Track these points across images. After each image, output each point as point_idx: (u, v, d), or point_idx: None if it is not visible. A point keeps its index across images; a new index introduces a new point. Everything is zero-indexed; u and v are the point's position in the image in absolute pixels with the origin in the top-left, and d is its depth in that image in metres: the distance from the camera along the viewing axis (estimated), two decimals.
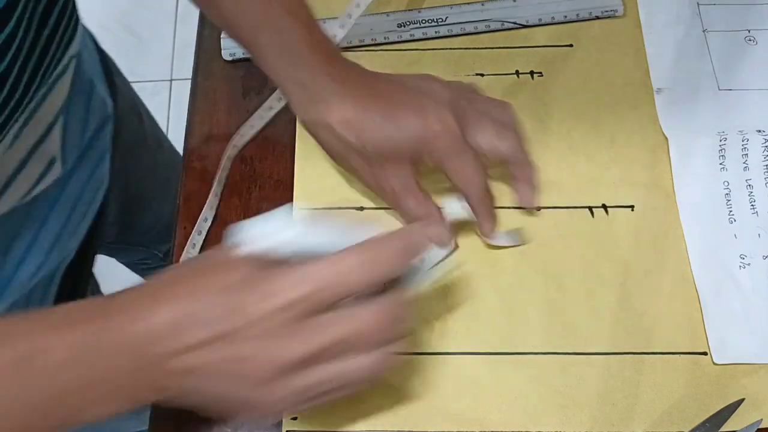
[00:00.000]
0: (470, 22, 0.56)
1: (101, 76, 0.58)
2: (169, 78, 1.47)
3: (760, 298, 0.48)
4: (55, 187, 0.50)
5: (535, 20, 0.57)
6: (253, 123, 0.53)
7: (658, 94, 0.54)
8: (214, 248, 0.39)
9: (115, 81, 0.63)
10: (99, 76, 0.57)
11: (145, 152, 0.73)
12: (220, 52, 0.56)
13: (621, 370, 0.46)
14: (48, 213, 0.50)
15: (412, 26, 0.56)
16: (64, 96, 0.47)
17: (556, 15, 0.57)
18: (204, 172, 0.53)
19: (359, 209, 0.51)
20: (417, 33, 0.56)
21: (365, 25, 0.55)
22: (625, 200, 0.51)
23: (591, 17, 0.57)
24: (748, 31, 0.57)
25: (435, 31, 0.56)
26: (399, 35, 0.56)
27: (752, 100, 0.54)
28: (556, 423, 0.45)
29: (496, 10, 0.57)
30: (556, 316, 0.48)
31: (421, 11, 0.57)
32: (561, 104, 0.54)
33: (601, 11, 0.57)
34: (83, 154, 0.52)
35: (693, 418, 0.44)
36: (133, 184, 0.73)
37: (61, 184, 0.51)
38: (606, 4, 0.57)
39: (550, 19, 0.57)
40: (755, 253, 0.49)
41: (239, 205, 0.52)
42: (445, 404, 0.45)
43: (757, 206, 0.50)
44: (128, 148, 0.68)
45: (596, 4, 0.57)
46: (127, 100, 0.67)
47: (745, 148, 0.52)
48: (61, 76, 0.47)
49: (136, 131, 0.70)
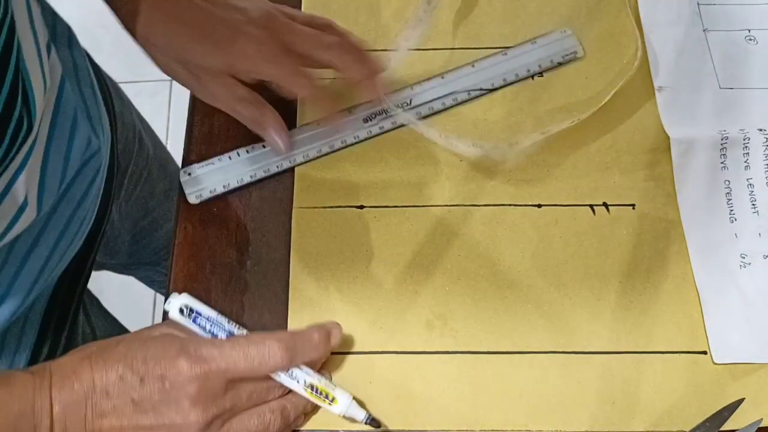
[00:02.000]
0: (437, 99, 0.53)
1: (94, 106, 0.55)
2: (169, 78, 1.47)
3: (761, 297, 0.48)
4: (34, 228, 0.48)
5: (500, 81, 0.54)
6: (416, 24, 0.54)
7: (659, 93, 0.54)
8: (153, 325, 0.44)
9: (114, 108, 0.62)
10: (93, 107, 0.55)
11: (152, 179, 0.72)
12: None
13: (621, 370, 0.46)
14: (28, 252, 0.49)
15: (378, 118, 0.52)
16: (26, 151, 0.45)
17: (520, 71, 0.55)
18: None
19: (359, 207, 0.51)
20: (386, 124, 0.53)
21: (328, 131, 0.52)
22: (626, 199, 0.51)
23: (553, 65, 0.55)
24: (749, 31, 0.57)
25: (405, 118, 0.52)
26: (368, 131, 0.52)
27: (753, 99, 0.54)
28: (556, 422, 0.45)
29: (458, 80, 0.54)
30: (556, 316, 0.48)
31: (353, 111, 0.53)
32: (561, 104, 0.54)
33: (561, 57, 0.55)
34: (63, 194, 0.50)
35: (693, 417, 0.44)
36: (145, 212, 0.72)
37: (40, 225, 0.49)
38: (564, 49, 0.55)
39: (514, 77, 0.55)
40: (756, 253, 0.49)
41: (239, 205, 0.52)
42: (445, 404, 0.45)
43: (757, 205, 0.50)
44: (134, 178, 0.68)
45: (554, 50, 0.55)
46: (128, 126, 0.67)
47: (746, 147, 0.52)
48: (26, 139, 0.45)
49: (137, 159, 0.69)
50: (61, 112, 0.48)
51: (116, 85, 0.67)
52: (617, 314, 0.47)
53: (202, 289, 0.49)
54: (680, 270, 0.49)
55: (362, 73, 0.50)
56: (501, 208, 0.51)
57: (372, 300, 0.48)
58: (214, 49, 0.47)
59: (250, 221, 0.51)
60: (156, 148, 0.74)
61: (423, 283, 0.49)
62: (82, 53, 0.56)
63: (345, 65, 0.49)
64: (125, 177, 0.67)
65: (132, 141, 0.67)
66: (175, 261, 0.50)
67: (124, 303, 0.81)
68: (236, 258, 0.50)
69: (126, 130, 0.66)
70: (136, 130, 0.69)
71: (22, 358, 0.52)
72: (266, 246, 0.50)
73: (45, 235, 0.49)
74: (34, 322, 0.53)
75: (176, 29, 0.48)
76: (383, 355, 0.47)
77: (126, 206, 0.69)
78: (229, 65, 0.48)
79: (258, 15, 0.48)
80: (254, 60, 0.48)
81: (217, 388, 0.40)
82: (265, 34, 0.48)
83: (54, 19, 0.54)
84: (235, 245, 0.50)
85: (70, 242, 0.52)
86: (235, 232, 0.51)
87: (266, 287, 0.49)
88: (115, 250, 0.71)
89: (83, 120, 0.51)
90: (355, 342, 0.47)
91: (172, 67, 0.50)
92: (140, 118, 0.72)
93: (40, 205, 0.47)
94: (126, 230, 0.71)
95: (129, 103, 0.70)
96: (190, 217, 0.51)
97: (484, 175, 0.52)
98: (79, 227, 0.53)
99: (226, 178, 0.51)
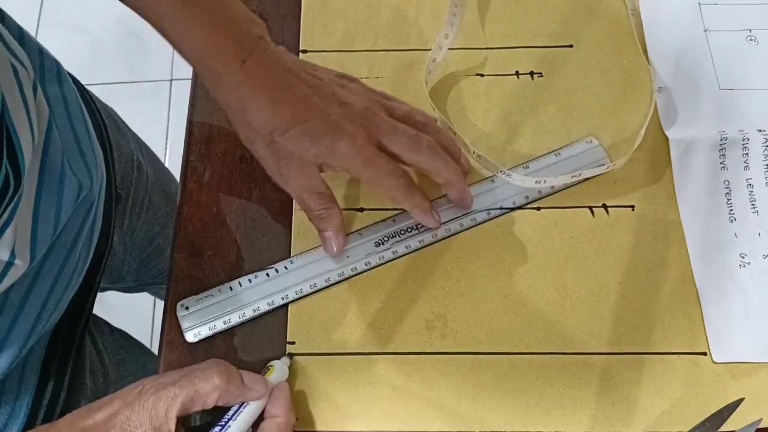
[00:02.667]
0: (454, 220, 0.50)
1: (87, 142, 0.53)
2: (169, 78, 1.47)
3: (760, 297, 0.48)
4: (26, 277, 0.47)
5: (522, 200, 0.51)
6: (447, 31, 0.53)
7: (659, 94, 0.54)
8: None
9: (111, 140, 0.60)
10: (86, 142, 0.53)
11: (154, 206, 0.71)
12: None
13: (621, 371, 0.46)
14: (23, 300, 0.47)
15: (391, 241, 0.49)
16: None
17: (543, 189, 0.51)
18: (204, 172, 0.53)
19: (359, 210, 0.51)
20: (399, 248, 0.49)
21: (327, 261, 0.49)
22: (626, 200, 0.51)
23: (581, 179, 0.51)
24: (750, 31, 0.57)
25: (419, 240, 0.49)
26: (381, 256, 0.49)
27: (753, 99, 0.54)
28: (556, 423, 0.45)
29: (477, 197, 0.51)
30: (555, 317, 0.48)
31: (396, 219, 0.50)
32: (561, 104, 0.54)
33: (590, 172, 0.51)
34: (55, 241, 0.49)
35: (693, 417, 0.44)
36: (150, 238, 0.72)
37: (33, 273, 0.48)
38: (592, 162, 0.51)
39: (537, 194, 0.51)
40: (755, 252, 0.49)
41: (239, 205, 0.52)
42: (445, 404, 0.45)
43: (757, 205, 0.50)
44: (137, 207, 0.67)
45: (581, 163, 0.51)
46: (125, 156, 0.65)
47: (745, 148, 0.52)
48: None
49: (137, 188, 0.67)
50: (49, 159, 0.47)
51: (111, 112, 0.66)
52: (617, 315, 0.48)
53: (202, 290, 0.49)
54: (680, 271, 0.49)
55: (450, 177, 0.48)
56: (501, 210, 0.50)
57: (372, 301, 0.48)
58: (310, 143, 0.45)
59: (250, 221, 0.51)
60: (156, 170, 0.73)
61: (423, 284, 0.49)
62: (72, 86, 0.55)
63: (435, 170, 0.48)
64: (126, 208, 0.66)
65: (130, 170, 0.66)
66: (175, 261, 0.50)
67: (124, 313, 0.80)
68: (236, 258, 0.50)
69: (123, 159, 0.64)
70: (134, 157, 0.67)
71: (24, 404, 0.51)
72: (266, 246, 0.50)
73: (39, 282, 0.48)
74: (33, 365, 0.52)
75: (274, 109, 0.44)
76: (383, 356, 0.47)
77: (131, 237, 0.68)
78: (322, 161, 0.46)
79: (360, 111, 0.46)
80: (350, 160, 0.45)
81: None
82: (363, 134, 0.45)
83: (41, 55, 0.53)
84: (235, 245, 0.50)
85: (66, 285, 0.51)
86: (235, 232, 0.51)
87: None
88: (120, 277, 0.70)
89: (75, 160, 0.50)
90: (355, 342, 0.47)
91: (252, 140, 0.46)
92: (137, 140, 0.70)
93: (33, 255, 0.45)
94: (132, 258, 0.70)
95: (125, 128, 0.68)
96: (190, 217, 0.51)
97: (484, 177, 0.52)
98: (74, 268, 0.52)
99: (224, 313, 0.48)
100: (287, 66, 0.46)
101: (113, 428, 0.37)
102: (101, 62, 1.52)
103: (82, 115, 0.54)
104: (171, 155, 1.45)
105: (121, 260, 0.68)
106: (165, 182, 0.75)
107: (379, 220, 0.50)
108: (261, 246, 0.50)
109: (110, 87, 1.49)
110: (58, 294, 0.50)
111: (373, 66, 0.56)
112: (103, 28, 1.55)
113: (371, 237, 0.50)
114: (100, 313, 0.66)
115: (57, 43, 1.56)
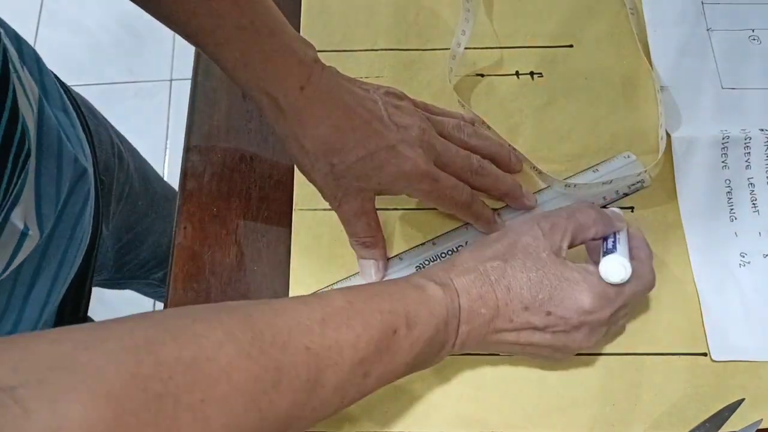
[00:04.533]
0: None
1: (71, 128, 0.54)
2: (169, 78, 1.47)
3: (760, 296, 0.48)
4: (36, 253, 0.48)
5: None
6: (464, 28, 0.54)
7: (662, 92, 0.54)
8: None
9: (90, 128, 0.60)
10: (70, 129, 0.54)
11: (134, 194, 0.71)
12: None
13: (621, 371, 0.46)
14: (34, 276, 0.48)
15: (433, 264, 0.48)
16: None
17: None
18: (203, 172, 0.53)
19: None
20: None
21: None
22: (626, 201, 0.51)
23: (619, 197, 0.51)
24: (752, 30, 0.57)
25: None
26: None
27: (755, 99, 0.54)
28: (556, 423, 0.45)
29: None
30: None
31: (436, 242, 0.49)
32: (561, 104, 0.54)
33: (628, 187, 0.50)
34: (60, 216, 0.49)
35: (693, 418, 0.44)
36: (128, 226, 0.72)
37: (41, 249, 0.48)
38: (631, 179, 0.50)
39: None
40: (755, 252, 0.49)
41: (239, 205, 0.52)
42: (445, 404, 0.45)
43: (758, 205, 0.50)
44: (117, 195, 0.67)
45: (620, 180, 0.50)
46: (105, 144, 0.65)
47: (747, 147, 0.51)
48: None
49: (118, 175, 0.67)
50: (44, 134, 0.47)
51: (88, 104, 0.66)
52: None
53: (202, 290, 0.49)
54: (680, 273, 0.49)
55: (505, 189, 0.49)
56: (501, 211, 0.50)
57: None
58: (373, 172, 0.44)
59: (250, 221, 0.51)
60: (136, 161, 0.73)
61: None
62: (51, 77, 0.54)
63: (488, 188, 0.48)
64: (111, 195, 0.66)
65: (111, 158, 0.66)
66: (175, 261, 0.50)
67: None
68: (236, 258, 0.50)
69: (104, 147, 0.64)
70: (114, 146, 0.67)
71: None
72: (266, 246, 0.50)
73: (47, 259, 0.49)
74: None
75: (336, 138, 0.44)
76: None
77: (111, 223, 0.68)
78: (384, 188, 0.46)
79: (417, 134, 0.46)
80: (414, 185, 0.45)
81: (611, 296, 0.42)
82: (423, 158, 0.45)
83: (19, 42, 0.52)
84: (236, 245, 0.50)
85: (72, 263, 0.52)
86: (235, 232, 0.51)
87: (266, 288, 0.49)
88: (101, 265, 0.71)
89: (65, 140, 0.50)
90: None
91: (310, 168, 0.45)
92: (117, 133, 0.70)
93: (42, 228, 0.46)
94: (110, 246, 0.70)
95: (104, 120, 0.68)
96: (190, 217, 0.51)
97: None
98: (78, 246, 0.53)
99: None
100: (343, 89, 0.45)
101: (518, 252, 0.42)
102: (101, 62, 1.52)
103: (63, 104, 0.54)
104: (171, 155, 1.45)
105: (104, 247, 0.68)
106: (144, 172, 0.75)
107: (418, 244, 0.50)
108: (261, 246, 0.50)
109: (110, 87, 1.49)
110: (65, 272, 0.51)
111: (373, 66, 0.56)
112: (103, 28, 1.55)
113: (411, 261, 0.49)
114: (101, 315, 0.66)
115: (56, 43, 1.56)
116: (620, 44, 0.56)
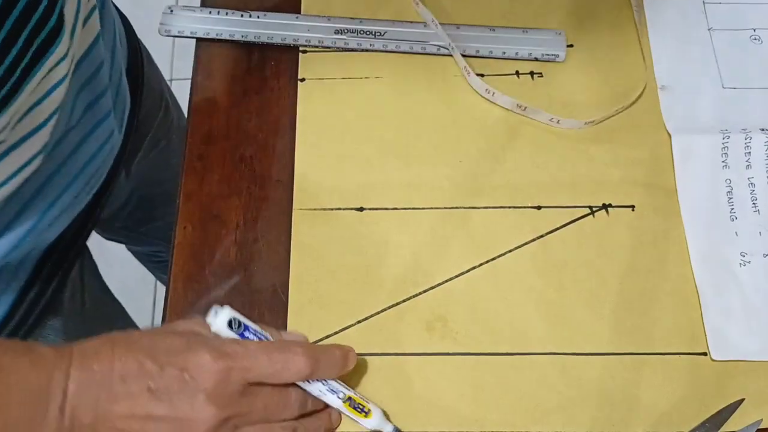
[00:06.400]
0: (406, 41, 0.56)
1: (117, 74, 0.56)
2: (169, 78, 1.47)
3: (760, 296, 0.48)
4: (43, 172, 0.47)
5: (473, 51, 0.55)
6: None
7: (662, 92, 0.54)
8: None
9: (144, 72, 0.62)
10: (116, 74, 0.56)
11: (170, 147, 0.72)
12: (220, 51, 0.56)
13: (621, 371, 0.46)
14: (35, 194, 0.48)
15: (348, 34, 0.56)
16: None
17: (494, 50, 0.55)
18: (204, 172, 0.53)
19: (359, 210, 0.51)
20: (351, 42, 0.56)
21: (302, 26, 0.56)
22: (626, 200, 0.51)
23: (530, 58, 0.55)
24: (754, 30, 0.57)
25: (369, 44, 0.56)
26: (333, 41, 0.56)
27: (756, 98, 0.54)
28: (556, 423, 0.45)
29: (436, 34, 0.56)
30: (556, 316, 0.47)
31: (363, 22, 0.56)
32: (561, 104, 0.54)
33: (541, 54, 0.55)
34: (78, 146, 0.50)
35: (693, 418, 0.44)
36: (155, 181, 0.72)
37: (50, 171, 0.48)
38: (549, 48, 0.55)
39: (488, 53, 0.55)
40: (756, 251, 0.49)
41: (239, 205, 0.52)
42: (445, 404, 0.45)
43: (758, 204, 0.50)
44: (152, 141, 0.68)
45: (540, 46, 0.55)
46: (154, 91, 0.66)
47: (747, 147, 0.51)
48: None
49: (160, 124, 0.69)
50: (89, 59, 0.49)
51: (148, 53, 0.67)
52: (617, 315, 0.47)
53: (202, 289, 0.49)
54: (680, 272, 0.49)
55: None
56: (500, 210, 0.50)
57: (372, 301, 0.48)
58: None
59: (250, 221, 0.51)
60: (181, 117, 0.74)
61: (423, 284, 0.48)
62: (112, 17, 0.56)
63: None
64: (144, 141, 0.66)
65: (157, 107, 0.67)
66: (175, 261, 0.50)
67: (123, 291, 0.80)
68: (236, 258, 0.50)
69: (152, 95, 0.65)
70: (163, 97, 0.69)
71: (8, 301, 0.51)
72: (266, 246, 0.50)
73: (53, 182, 0.49)
74: (27, 267, 0.53)
75: None
76: (383, 357, 0.47)
77: (137, 167, 0.68)
78: None
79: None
80: None
81: (235, 387, 0.39)
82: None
83: None
84: (236, 245, 0.50)
85: (75, 196, 0.52)
86: (235, 232, 0.51)
87: (266, 288, 0.49)
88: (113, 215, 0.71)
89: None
90: (355, 343, 0.47)
91: None
92: (170, 91, 0.72)
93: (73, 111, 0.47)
94: (131, 188, 0.69)
95: (159, 72, 0.70)
96: (190, 217, 0.51)
97: (484, 176, 0.52)
98: (86, 184, 0.53)
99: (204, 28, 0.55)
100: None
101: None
102: None
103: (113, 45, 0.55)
104: None
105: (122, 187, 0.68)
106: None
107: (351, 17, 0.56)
108: (261, 246, 0.50)
109: None
110: (65, 202, 0.51)
111: (373, 66, 0.56)
112: None
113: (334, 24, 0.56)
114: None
115: None
116: (620, 44, 0.56)
